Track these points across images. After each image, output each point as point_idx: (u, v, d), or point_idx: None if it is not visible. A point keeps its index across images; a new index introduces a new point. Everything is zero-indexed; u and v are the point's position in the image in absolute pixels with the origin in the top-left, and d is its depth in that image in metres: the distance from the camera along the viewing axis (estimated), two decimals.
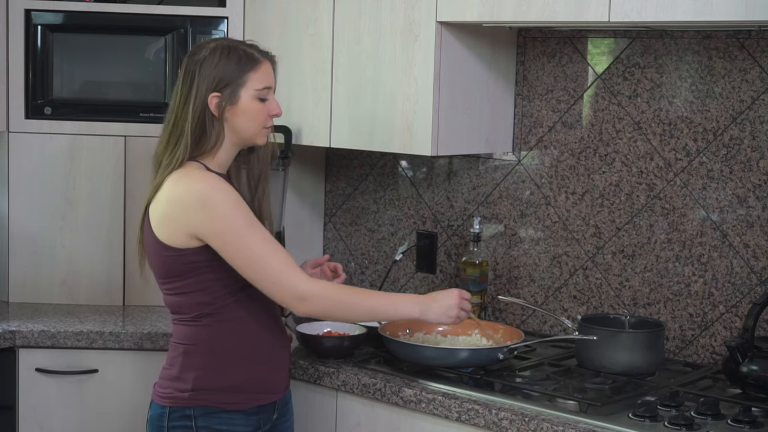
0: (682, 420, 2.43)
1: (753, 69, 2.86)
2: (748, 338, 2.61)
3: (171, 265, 2.56)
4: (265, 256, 2.50)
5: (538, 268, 3.31)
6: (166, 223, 2.53)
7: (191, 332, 2.60)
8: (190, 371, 2.59)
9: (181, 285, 2.57)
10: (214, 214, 2.48)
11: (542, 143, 3.28)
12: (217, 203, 2.49)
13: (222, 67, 2.56)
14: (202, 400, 2.57)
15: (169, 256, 2.54)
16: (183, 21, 3.52)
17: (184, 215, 2.50)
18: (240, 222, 2.49)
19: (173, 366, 2.62)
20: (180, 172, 2.55)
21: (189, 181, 2.52)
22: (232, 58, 2.57)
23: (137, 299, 3.59)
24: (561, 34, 3.21)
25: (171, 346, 2.66)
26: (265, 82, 2.60)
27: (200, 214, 2.49)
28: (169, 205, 2.53)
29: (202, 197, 2.49)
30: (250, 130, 2.60)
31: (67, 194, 3.56)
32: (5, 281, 3.59)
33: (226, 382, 2.59)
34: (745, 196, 2.90)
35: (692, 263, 3.00)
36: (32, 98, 3.53)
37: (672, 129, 3.02)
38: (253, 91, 2.58)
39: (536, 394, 2.64)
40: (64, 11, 3.52)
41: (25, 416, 3.24)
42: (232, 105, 2.57)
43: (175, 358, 2.62)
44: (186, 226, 2.50)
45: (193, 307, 2.58)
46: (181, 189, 2.52)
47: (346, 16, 3.23)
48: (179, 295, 2.59)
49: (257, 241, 2.50)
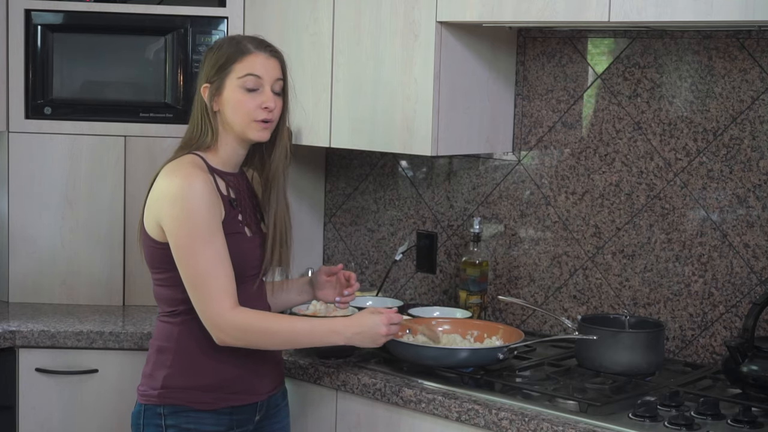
0: (682, 420, 2.43)
1: (753, 69, 2.86)
2: (748, 338, 2.61)
3: (154, 256, 2.56)
4: (206, 274, 2.46)
5: (538, 268, 3.31)
6: (149, 214, 2.54)
7: (166, 330, 2.60)
8: (161, 369, 2.58)
9: (164, 277, 2.57)
10: (180, 213, 2.46)
11: (542, 143, 3.28)
12: (187, 204, 2.46)
13: (214, 58, 2.56)
14: (171, 399, 2.57)
15: (153, 247, 2.55)
16: (183, 21, 3.52)
17: (158, 206, 2.50)
18: (199, 231, 2.46)
19: (147, 363, 2.63)
20: (173, 164, 2.55)
21: (174, 174, 2.51)
22: (224, 49, 2.56)
23: (137, 299, 3.59)
24: (561, 34, 3.21)
25: (150, 344, 2.66)
26: (248, 70, 2.54)
27: (168, 208, 2.48)
28: (153, 197, 2.53)
29: (176, 193, 2.47)
30: (237, 122, 2.56)
31: (67, 194, 3.56)
32: (5, 281, 3.59)
33: (195, 381, 2.57)
34: (745, 196, 2.90)
35: (692, 263, 3.00)
36: (32, 98, 3.53)
37: (672, 129, 3.02)
38: (236, 80, 2.54)
39: (536, 394, 2.64)
40: (64, 11, 3.52)
41: (25, 416, 3.24)
42: (219, 95, 2.55)
43: (150, 356, 2.63)
44: (157, 216, 2.51)
45: (170, 301, 2.58)
46: (165, 181, 2.51)
47: (346, 16, 3.23)
48: (162, 287, 2.59)
49: (205, 257, 2.46)
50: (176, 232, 2.48)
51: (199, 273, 2.47)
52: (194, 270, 2.47)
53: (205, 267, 2.46)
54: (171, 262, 2.52)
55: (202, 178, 2.50)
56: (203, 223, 2.47)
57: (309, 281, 2.90)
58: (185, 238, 2.47)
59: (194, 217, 2.46)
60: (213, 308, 2.48)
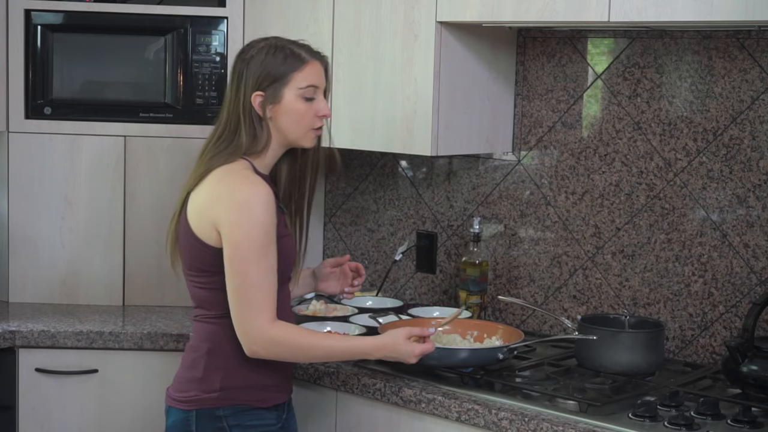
0: (682, 420, 2.43)
1: (753, 69, 2.86)
2: (748, 338, 2.61)
3: (203, 259, 2.52)
4: (254, 285, 2.45)
5: (537, 268, 3.31)
6: (202, 217, 2.50)
7: (215, 331, 2.56)
8: (216, 371, 2.55)
9: (211, 280, 2.54)
10: (245, 221, 2.44)
11: (542, 143, 3.28)
12: (253, 213, 2.44)
13: (267, 65, 2.52)
14: (231, 399, 2.55)
15: (202, 250, 2.51)
16: (183, 21, 3.52)
17: (218, 210, 2.47)
18: (259, 241, 2.45)
19: (195, 368, 2.58)
20: (227, 169, 2.51)
21: (234, 180, 2.48)
22: (278, 57, 2.53)
23: (137, 299, 3.59)
24: (561, 34, 3.21)
25: (190, 348, 2.62)
26: (309, 81, 2.54)
27: (231, 214, 2.45)
28: (208, 200, 2.50)
29: (242, 200, 2.45)
30: (295, 131, 2.56)
31: (67, 194, 3.56)
32: (5, 281, 3.59)
33: (251, 380, 2.56)
34: (745, 196, 2.90)
35: (692, 263, 3.00)
36: (32, 98, 3.53)
37: (672, 129, 3.02)
38: (297, 90, 2.53)
39: (536, 394, 2.64)
40: (64, 11, 3.52)
41: (25, 416, 3.24)
42: (275, 104, 2.53)
43: (198, 359, 2.58)
44: (215, 220, 2.47)
45: (218, 305, 2.54)
46: (224, 187, 2.48)
47: (346, 16, 3.23)
48: (208, 289, 2.56)
49: (258, 268, 2.45)
50: (236, 239, 2.45)
51: (248, 283, 2.45)
52: (244, 279, 2.45)
53: (255, 278, 2.44)
54: (219, 265, 2.49)
55: (266, 187, 2.49)
56: (265, 234, 2.45)
57: (311, 273, 2.93)
58: (244, 247, 2.44)
59: (258, 227, 2.44)
60: (252, 320, 2.46)
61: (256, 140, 2.54)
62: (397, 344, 2.56)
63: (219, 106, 3.51)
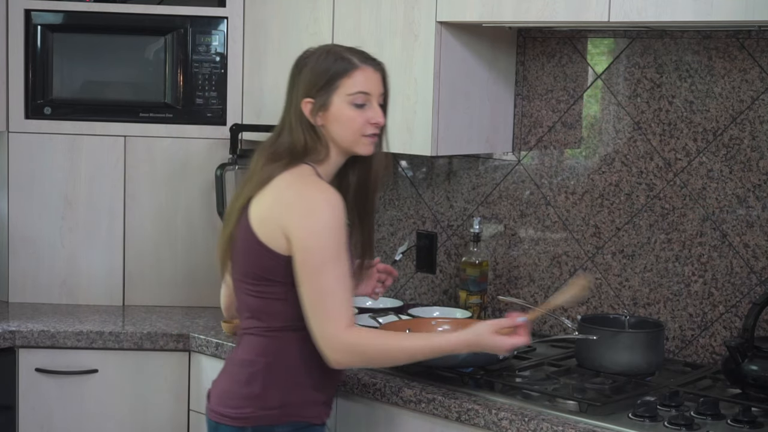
0: (682, 420, 2.43)
1: (753, 69, 2.86)
2: (748, 338, 2.61)
3: (267, 268, 2.44)
4: (329, 292, 2.37)
5: (537, 268, 3.31)
6: (269, 223, 2.42)
7: (274, 345, 2.47)
8: (276, 388, 2.47)
9: (273, 290, 2.45)
10: (319, 228, 2.37)
11: (542, 143, 3.28)
12: (322, 219, 2.38)
13: (316, 72, 2.47)
14: (292, 416, 2.48)
15: (268, 258, 2.43)
16: (183, 21, 3.52)
17: (288, 219, 2.39)
18: (334, 247, 2.38)
19: (251, 384, 2.47)
20: (293, 174, 2.45)
21: (304, 186, 2.43)
22: (328, 62, 2.48)
23: (137, 299, 3.59)
24: (561, 34, 3.21)
25: (243, 362, 2.51)
26: (359, 87, 2.47)
27: (303, 221, 2.38)
28: (276, 206, 2.42)
29: (314, 207, 2.39)
30: (346, 138, 2.48)
31: (67, 194, 3.56)
32: (5, 281, 3.59)
33: (311, 396, 2.50)
34: (745, 196, 2.90)
35: (692, 263, 3.00)
36: (32, 98, 3.53)
37: (672, 129, 3.02)
38: (345, 96, 2.46)
39: (536, 394, 2.64)
40: (64, 11, 3.52)
41: (25, 416, 3.24)
42: (325, 111, 2.47)
43: (254, 375, 2.47)
44: (286, 229, 2.39)
45: (278, 316, 2.46)
46: (293, 193, 2.42)
47: (346, 16, 3.23)
48: (268, 299, 2.47)
49: (333, 275, 2.37)
50: (310, 246, 2.38)
51: (322, 290, 2.38)
52: (318, 286, 2.38)
53: (329, 285, 2.37)
54: (286, 274, 2.42)
55: (336, 193, 2.43)
56: (337, 240, 2.39)
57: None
58: (318, 255, 2.37)
59: (330, 232, 2.38)
60: (328, 328, 2.38)
61: (314, 147, 2.48)
62: (484, 339, 2.43)
63: (219, 106, 3.56)
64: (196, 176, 3.57)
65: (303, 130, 2.48)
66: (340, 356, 2.41)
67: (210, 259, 3.58)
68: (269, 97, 3.48)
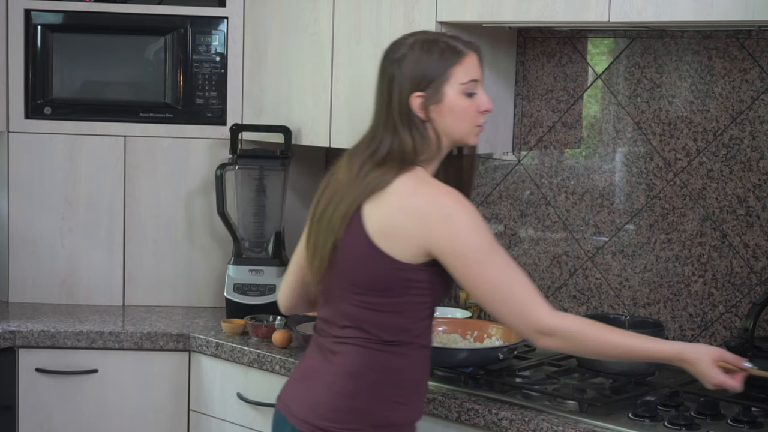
0: (682, 420, 2.43)
1: (753, 69, 2.86)
2: (748, 338, 2.61)
3: (384, 278, 2.29)
4: (509, 283, 2.25)
5: (538, 268, 3.31)
6: (395, 233, 2.26)
7: (384, 360, 2.32)
8: (385, 403, 2.32)
9: (385, 302, 2.30)
10: (460, 232, 2.24)
11: (542, 143, 3.28)
12: (464, 221, 2.25)
13: (423, 64, 2.31)
14: None
15: (389, 268, 2.27)
16: (183, 21, 3.52)
17: (423, 228, 2.25)
18: (487, 241, 2.26)
19: (357, 397, 2.31)
20: (413, 179, 2.30)
21: (430, 191, 2.28)
22: (434, 53, 2.31)
23: (137, 299, 3.59)
24: (561, 34, 3.21)
25: (348, 374, 2.33)
26: (471, 75, 2.33)
27: (443, 230, 2.24)
28: (404, 214, 2.26)
29: (449, 213, 2.25)
30: (460, 130, 2.34)
31: (67, 194, 3.56)
32: (5, 281, 3.59)
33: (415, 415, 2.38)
34: (745, 196, 2.90)
35: (692, 263, 3.00)
36: (32, 98, 3.53)
37: (672, 129, 3.02)
38: (459, 86, 2.32)
39: (536, 394, 2.64)
40: (64, 11, 3.52)
41: (25, 416, 3.24)
42: (437, 103, 2.31)
43: (361, 388, 2.31)
44: (421, 239, 2.25)
45: (394, 329, 2.31)
46: (422, 200, 2.26)
47: (346, 16, 3.23)
48: (376, 311, 2.31)
49: (500, 267, 2.26)
50: (464, 252, 2.24)
51: (501, 283, 2.25)
52: (494, 283, 2.25)
53: (505, 275, 2.26)
54: (404, 284, 2.29)
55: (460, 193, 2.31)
56: (486, 233, 2.28)
57: None
58: (476, 255, 2.25)
59: (478, 229, 2.26)
60: (532, 313, 2.25)
61: (423, 146, 2.32)
62: (701, 363, 2.26)
63: (219, 106, 3.55)
64: (196, 176, 3.57)
65: (411, 128, 2.31)
66: (550, 341, 2.26)
67: (210, 259, 3.59)
68: (269, 97, 3.48)
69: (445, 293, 2.39)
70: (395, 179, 2.29)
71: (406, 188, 2.28)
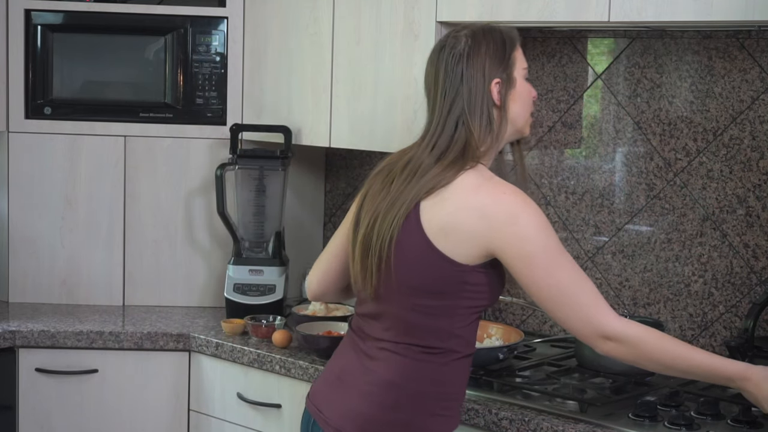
0: (682, 420, 2.43)
1: (753, 69, 2.86)
2: (748, 338, 2.61)
3: (442, 279, 2.21)
4: (574, 287, 2.19)
5: None
6: (456, 232, 2.19)
7: (426, 369, 2.25)
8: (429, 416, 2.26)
9: (443, 304, 2.23)
10: (526, 233, 2.18)
11: (542, 143, 3.27)
12: (532, 222, 2.19)
13: (491, 50, 2.26)
14: None
15: (446, 270, 2.20)
16: (183, 21, 3.52)
17: (487, 227, 2.18)
18: (552, 246, 2.19)
19: (400, 409, 2.24)
20: (477, 176, 2.23)
21: (496, 189, 2.21)
22: (497, 39, 2.28)
23: (137, 299, 3.59)
24: (561, 34, 3.21)
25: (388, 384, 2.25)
26: (526, 60, 2.33)
27: (510, 230, 2.17)
28: (467, 213, 2.19)
29: (516, 212, 2.18)
30: (523, 117, 2.32)
31: (67, 194, 3.56)
32: (5, 281, 3.59)
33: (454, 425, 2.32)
34: (745, 196, 2.90)
35: (692, 263, 3.00)
36: (32, 98, 3.53)
37: (672, 129, 3.02)
38: (522, 71, 2.31)
39: (536, 394, 2.64)
40: (64, 11, 3.52)
41: (25, 416, 3.24)
42: (512, 89, 2.28)
43: (402, 399, 2.24)
44: (485, 239, 2.18)
45: (438, 334, 2.24)
46: (487, 198, 2.20)
47: (346, 16, 3.23)
48: (429, 315, 2.24)
49: (566, 270, 2.19)
50: (530, 252, 2.18)
51: (566, 285, 2.19)
52: (559, 285, 2.18)
53: (571, 278, 2.19)
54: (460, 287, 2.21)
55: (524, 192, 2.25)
56: (552, 234, 2.21)
57: None
58: (543, 256, 2.18)
59: (544, 230, 2.20)
60: (598, 317, 2.18)
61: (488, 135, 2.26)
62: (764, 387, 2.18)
63: (219, 106, 3.55)
64: (196, 176, 3.57)
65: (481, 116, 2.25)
66: (614, 346, 2.19)
67: (210, 259, 3.59)
68: (269, 97, 3.48)
69: (499, 295, 2.33)
70: (457, 176, 2.22)
71: (469, 186, 2.21)
